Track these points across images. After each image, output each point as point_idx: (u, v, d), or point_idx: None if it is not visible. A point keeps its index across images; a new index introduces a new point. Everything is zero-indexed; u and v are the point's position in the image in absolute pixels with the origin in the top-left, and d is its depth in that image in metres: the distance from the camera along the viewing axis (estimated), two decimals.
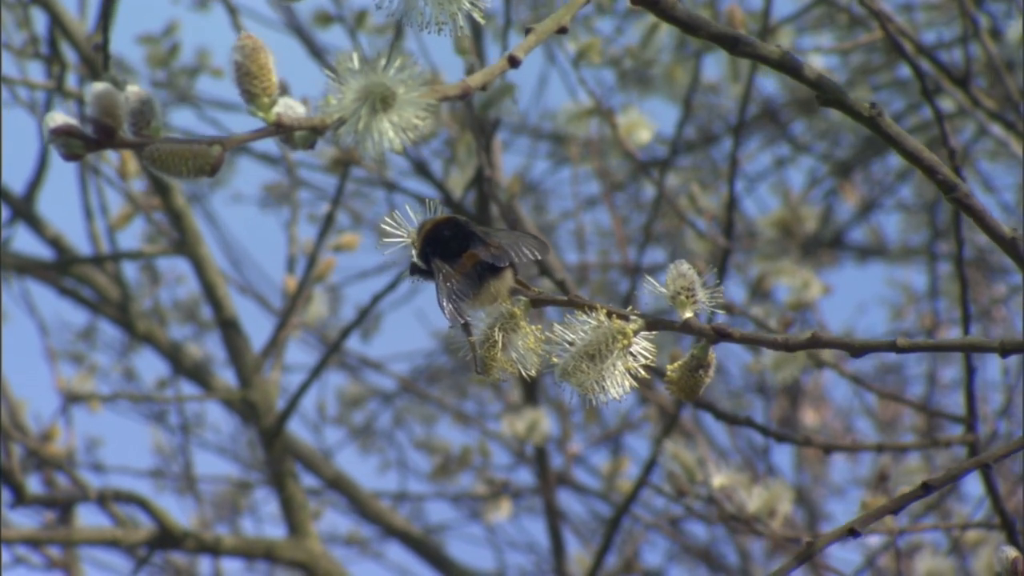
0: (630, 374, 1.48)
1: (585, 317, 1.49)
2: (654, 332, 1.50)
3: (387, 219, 1.59)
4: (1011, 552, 1.77)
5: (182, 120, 5.45)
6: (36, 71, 3.84)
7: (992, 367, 5.60)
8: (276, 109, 1.30)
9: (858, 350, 1.53)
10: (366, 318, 3.81)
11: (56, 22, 3.49)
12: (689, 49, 4.13)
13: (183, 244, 3.84)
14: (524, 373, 1.52)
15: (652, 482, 3.49)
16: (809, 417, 5.83)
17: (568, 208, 5.70)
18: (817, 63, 4.96)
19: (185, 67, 4.79)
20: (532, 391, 4.32)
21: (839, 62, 5.10)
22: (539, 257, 1.61)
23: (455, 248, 1.56)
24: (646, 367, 1.49)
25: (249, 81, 1.31)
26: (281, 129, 1.29)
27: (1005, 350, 1.52)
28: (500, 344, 1.52)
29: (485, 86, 1.35)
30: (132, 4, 3.46)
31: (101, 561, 4.80)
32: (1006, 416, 3.78)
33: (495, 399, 5.54)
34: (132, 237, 4.80)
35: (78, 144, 1.29)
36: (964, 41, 3.21)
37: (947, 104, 4.37)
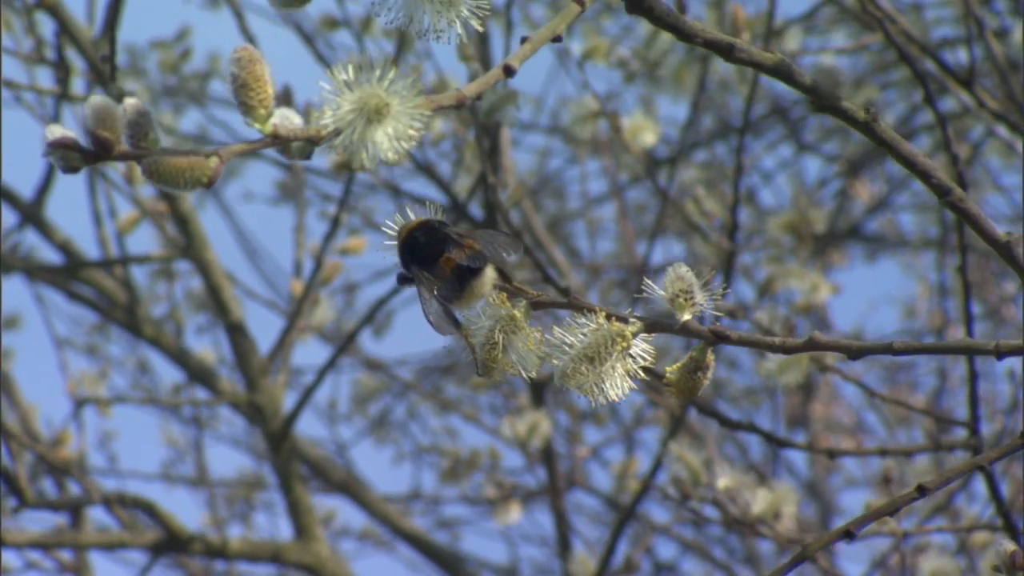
0: (629, 376, 1.48)
1: (584, 319, 1.49)
2: (653, 334, 1.51)
3: (387, 223, 1.60)
4: (1009, 545, 1.78)
5: (191, 122, 5.45)
6: (45, 77, 3.85)
7: (1002, 363, 5.58)
8: (272, 120, 1.31)
9: (855, 353, 1.53)
10: (374, 319, 3.82)
11: (63, 28, 3.50)
12: (697, 52, 4.12)
13: (189, 248, 3.85)
14: (524, 374, 1.52)
15: (658, 484, 3.49)
16: (820, 412, 5.82)
17: (580, 205, 5.70)
18: (828, 62, 4.94)
19: (196, 72, 4.82)
20: (540, 393, 4.32)
21: (850, 60, 5.08)
22: (512, 256, 1.62)
23: (431, 252, 1.57)
24: (645, 369, 1.49)
25: (245, 93, 1.31)
26: (277, 140, 1.30)
27: (1000, 352, 1.52)
28: (501, 346, 1.52)
29: (480, 95, 1.36)
30: (143, 4, 3.47)
31: (113, 560, 4.83)
32: (1013, 414, 3.76)
33: (506, 398, 5.54)
34: (141, 242, 4.84)
35: (76, 157, 1.29)
36: (968, 42, 3.19)
37: (954, 104, 4.36)
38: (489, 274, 1.57)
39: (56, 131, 1.29)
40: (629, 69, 4.06)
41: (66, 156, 1.29)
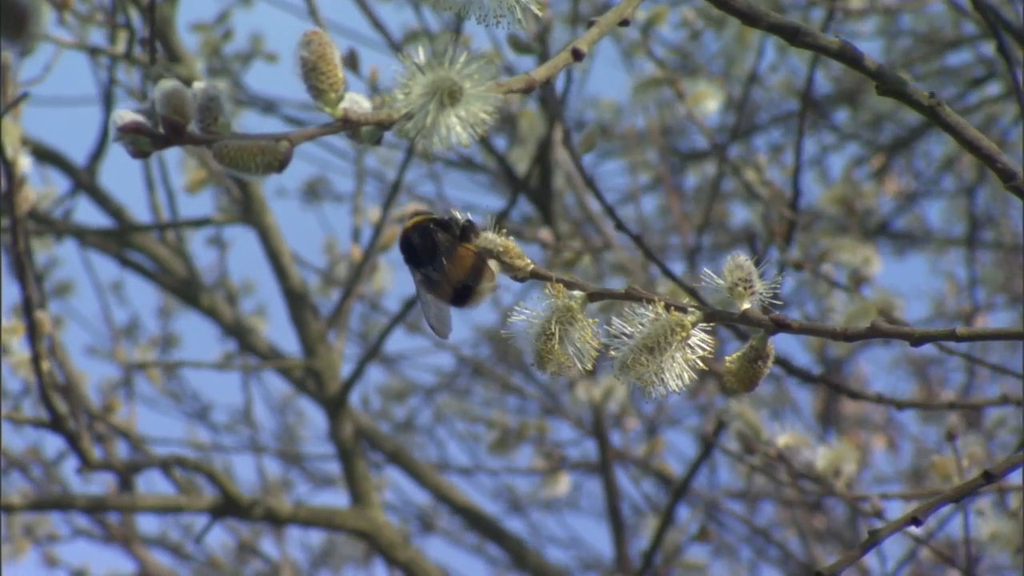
0: (688, 366, 1.49)
1: (643, 310, 1.50)
2: (712, 324, 1.52)
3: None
4: None
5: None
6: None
7: None
8: (343, 104, 1.31)
9: (918, 340, 1.55)
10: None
11: None
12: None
13: (249, 212, 3.84)
14: (581, 367, 1.51)
15: (720, 443, 3.48)
16: (849, 408, 5.83)
17: (616, 199, 5.71)
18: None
19: (239, 53, 4.80)
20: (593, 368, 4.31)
21: (881, 50, 5.14)
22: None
23: (426, 255, 1.59)
24: (704, 359, 1.50)
25: (316, 77, 1.31)
26: (348, 124, 1.30)
27: None
28: (557, 337, 1.51)
29: (549, 79, 1.36)
30: None
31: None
32: None
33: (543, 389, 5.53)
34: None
35: (146, 141, 1.30)
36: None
37: (997, 87, 4.40)
38: (488, 283, 1.59)
39: (126, 116, 1.30)
40: (694, 29, 4.09)
41: (136, 141, 1.30)
